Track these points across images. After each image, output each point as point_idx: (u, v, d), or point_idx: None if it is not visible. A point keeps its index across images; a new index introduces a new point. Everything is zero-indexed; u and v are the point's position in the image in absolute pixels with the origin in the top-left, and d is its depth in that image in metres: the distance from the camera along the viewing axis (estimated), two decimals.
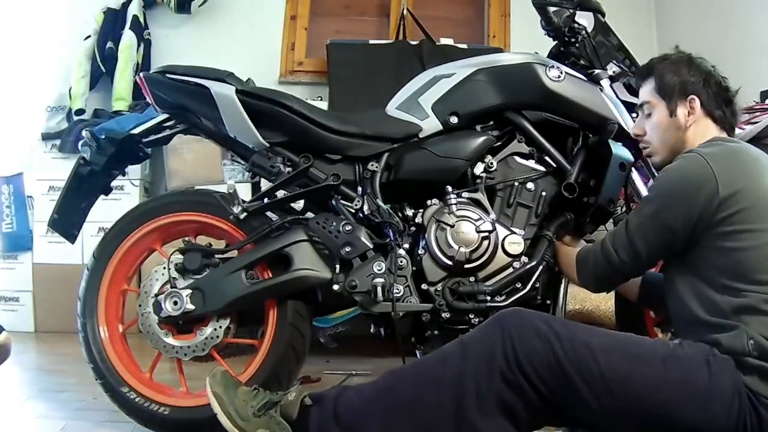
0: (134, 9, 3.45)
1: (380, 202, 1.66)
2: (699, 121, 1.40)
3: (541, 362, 1.17)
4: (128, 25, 3.40)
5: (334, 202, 1.70)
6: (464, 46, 3.55)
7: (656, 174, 1.70)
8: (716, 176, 1.25)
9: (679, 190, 1.29)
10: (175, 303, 1.64)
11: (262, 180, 1.80)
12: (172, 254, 1.70)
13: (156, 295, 1.67)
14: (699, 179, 1.26)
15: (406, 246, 1.66)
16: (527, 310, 1.27)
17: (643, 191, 1.75)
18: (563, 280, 1.68)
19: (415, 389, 1.23)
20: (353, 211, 1.68)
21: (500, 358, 1.18)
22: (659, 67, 1.45)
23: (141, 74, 1.84)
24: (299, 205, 1.83)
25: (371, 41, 3.55)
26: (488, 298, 1.61)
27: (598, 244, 1.43)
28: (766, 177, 1.28)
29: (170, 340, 1.68)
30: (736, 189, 1.24)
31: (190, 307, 1.63)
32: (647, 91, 1.47)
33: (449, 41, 3.59)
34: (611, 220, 1.79)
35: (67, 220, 1.89)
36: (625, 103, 1.76)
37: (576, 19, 1.77)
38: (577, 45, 1.78)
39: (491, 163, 1.71)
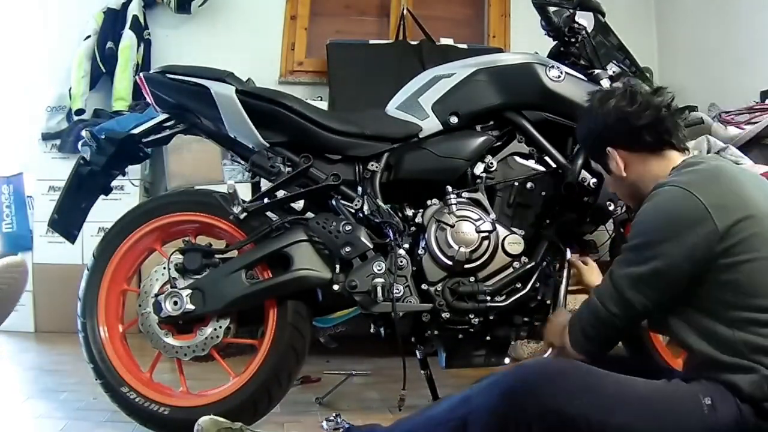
0: (134, 9, 3.45)
1: (380, 202, 1.66)
2: (634, 163, 1.33)
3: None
4: (128, 25, 3.40)
5: (334, 202, 1.70)
6: (464, 46, 3.55)
7: None
8: (709, 211, 1.15)
9: (671, 232, 1.18)
10: (175, 303, 1.64)
11: (262, 180, 1.80)
12: (172, 254, 1.70)
13: (156, 295, 1.67)
14: (691, 216, 1.16)
15: (406, 246, 1.66)
16: (534, 370, 1.19)
17: None
18: (563, 281, 1.67)
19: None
20: (353, 211, 1.68)
21: (512, 422, 1.11)
22: (578, 135, 1.47)
23: (141, 74, 1.84)
24: (299, 205, 1.83)
25: (371, 41, 3.55)
26: (488, 298, 1.62)
27: (582, 305, 1.34)
28: (757, 197, 1.20)
29: (170, 340, 1.68)
30: (733, 220, 1.15)
31: (190, 307, 1.63)
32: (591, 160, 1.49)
33: (449, 41, 3.59)
34: (611, 220, 1.79)
35: (67, 220, 1.88)
36: None
37: (576, 19, 1.78)
38: (577, 45, 1.79)
39: (491, 163, 1.71)
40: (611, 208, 1.67)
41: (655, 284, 1.20)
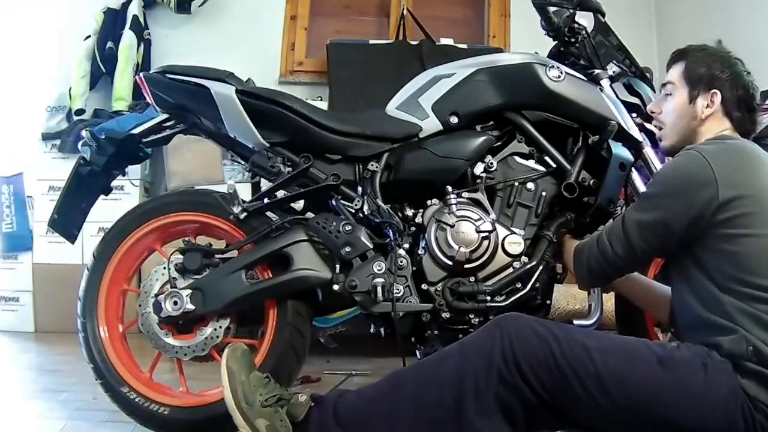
0: (134, 9, 3.45)
1: (380, 202, 1.66)
2: (715, 117, 1.40)
3: (539, 362, 1.17)
4: (128, 25, 3.41)
5: (334, 202, 1.70)
6: (464, 46, 3.55)
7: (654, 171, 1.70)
8: (717, 178, 1.23)
9: (677, 188, 1.29)
10: (175, 303, 1.64)
11: (262, 180, 1.80)
12: (172, 254, 1.70)
13: (156, 295, 1.67)
14: (698, 179, 1.25)
15: (406, 246, 1.66)
16: (525, 315, 1.28)
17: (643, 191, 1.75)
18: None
19: (416, 388, 1.23)
20: (353, 211, 1.68)
21: (498, 357, 1.18)
22: (693, 54, 1.45)
23: (141, 74, 1.83)
24: (299, 205, 1.83)
25: (371, 41, 3.55)
26: (488, 298, 1.61)
27: (594, 237, 1.44)
28: None
29: (170, 340, 1.68)
30: (738, 194, 1.23)
31: (190, 307, 1.63)
32: (675, 72, 1.46)
33: (449, 41, 3.59)
34: (611, 220, 1.79)
35: (67, 220, 1.89)
36: (625, 103, 1.76)
37: (576, 19, 1.77)
38: (577, 45, 1.78)
39: (491, 163, 1.71)
40: (611, 208, 1.67)
41: (656, 233, 1.31)
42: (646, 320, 1.91)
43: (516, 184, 1.70)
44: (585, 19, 1.80)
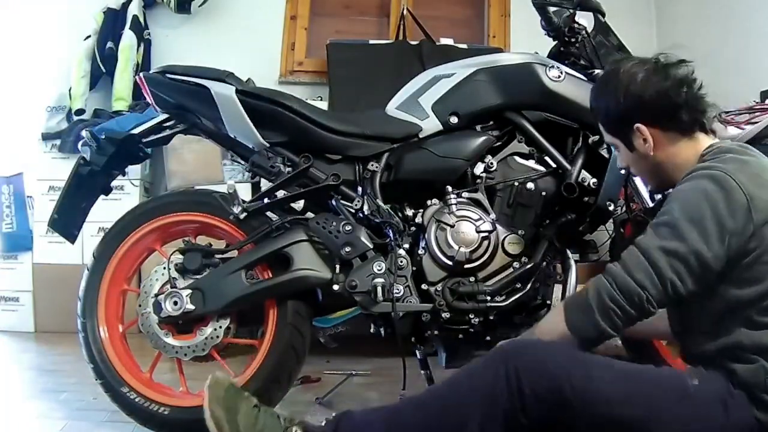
0: (134, 9, 3.45)
1: (380, 202, 1.66)
2: (661, 141, 1.26)
3: (550, 408, 1.12)
4: (128, 25, 3.40)
5: (334, 202, 1.70)
6: (464, 46, 3.55)
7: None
8: (747, 197, 1.13)
9: (713, 214, 1.13)
10: (175, 303, 1.64)
11: (262, 180, 1.80)
12: (172, 254, 1.70)
13: (156, 295, 1.67)
14: (734, 204, 1.13)
15: (406, 246, 1.66)
16: (535, 343, 1.22)
17: (644, 191, 1.75)
18: (569, 282, 1.67)
19: (419, 414, 1.22)
20: (353, 211, 1.68)
21: (505, 398, 1.13)
22: (596, 103, 1.34)
23: (141, 74, 1.84)
24: (299, 205, 1.83)
25: (371, 41, 3.55)
26: (488, 298, 1.61)
27: (593, 282, 1.20)
28: None
29: (170, 340, 1.68)
30: (765, 219, 1.13)
31: (190, 307, 1.63)
32: (604, 133, 1.37)
33: (449, 41, 3.59)
34: (611, 220, 1.79)
35: (67, 220, 1.89)
36: None
37: (576, 19, 1.77)
38: (577, 45, 1.78)
39: (491, 163, 1.71)
40: (611, 208, 1.67)
41: (691, 265, 1.13)
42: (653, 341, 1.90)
43: (516, 184, 1.71)
44: (585, 19, 1.80)
